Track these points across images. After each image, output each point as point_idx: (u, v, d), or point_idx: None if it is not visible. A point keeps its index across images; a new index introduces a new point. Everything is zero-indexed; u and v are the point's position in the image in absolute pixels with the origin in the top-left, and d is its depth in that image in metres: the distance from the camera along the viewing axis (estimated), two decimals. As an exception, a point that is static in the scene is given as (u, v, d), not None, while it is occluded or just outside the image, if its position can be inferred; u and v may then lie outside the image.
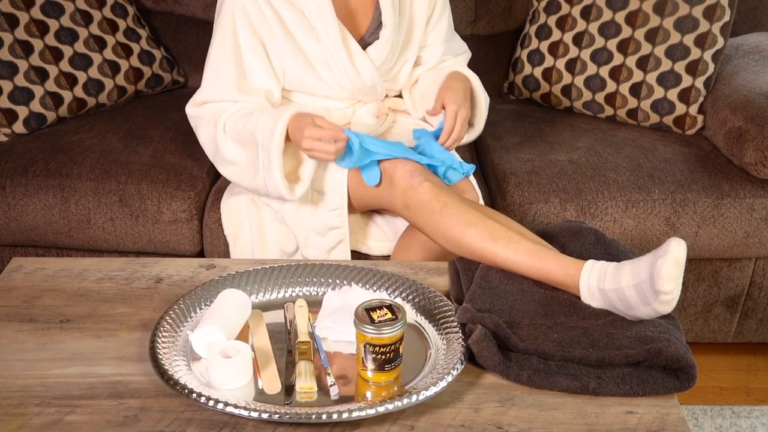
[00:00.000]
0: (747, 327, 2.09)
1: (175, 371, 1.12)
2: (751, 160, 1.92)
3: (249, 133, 1.60)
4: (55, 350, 1.21)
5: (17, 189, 1.87)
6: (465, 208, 1.43)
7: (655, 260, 1.20)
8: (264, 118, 1.58)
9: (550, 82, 2.27)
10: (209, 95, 1.67)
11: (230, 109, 1.65)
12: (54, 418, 1.07)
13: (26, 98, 2.02)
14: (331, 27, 1.63)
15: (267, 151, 1.56)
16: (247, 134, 1.60)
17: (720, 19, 2.10)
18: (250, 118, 1.61)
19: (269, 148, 1.56)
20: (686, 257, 1.25)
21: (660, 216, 1.89)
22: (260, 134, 1.57)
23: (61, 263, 1.44)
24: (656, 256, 1.21)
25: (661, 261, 1.18)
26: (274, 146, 1.55)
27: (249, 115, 1.62)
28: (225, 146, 1.65)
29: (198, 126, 1.71)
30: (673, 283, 1.18)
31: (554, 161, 1.99)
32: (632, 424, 1.08)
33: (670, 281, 1.18)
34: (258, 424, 1.07)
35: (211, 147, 1.69)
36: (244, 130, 1.61)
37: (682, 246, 1.18)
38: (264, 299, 1.34)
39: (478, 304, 1.26)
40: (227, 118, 1.64)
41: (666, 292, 1.18)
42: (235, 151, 1.64)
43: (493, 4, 2.39)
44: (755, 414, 1.96)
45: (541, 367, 1.15)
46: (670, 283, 1.18)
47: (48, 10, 2.10)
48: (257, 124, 1.58)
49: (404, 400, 1.07)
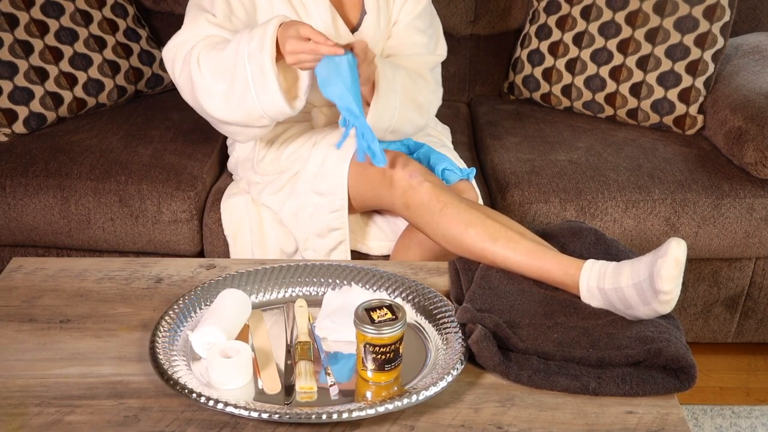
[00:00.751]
0: (747, 327, 2.09)
1: (175, 371, 1.12)
2: (751, 160, 1.92)
3: (230, 56, 1.50)
4: (55, 350, 1.21)
5: (17, 189, 1.87)
6: (465, 208, 1.43)
7: (654, 260, 1.20)
8: (246, 34, 1.48)
9: (550, 82, 2.27)
10: (187, 36, 1.59)
11: (201, 43, 1.55)
12: (54, 418, 1.07)
13: (26, 98, 2.02)
14: (323, 8, 1.65)
15: (259, 64, 1.45)
16: (227, 58, 1.50)
17: (720, 19, 2.10)
18: (227, 44, 1.52)
19: (261, 59, 1.44)
20: (686, 257, 1.25)
21: (660, 216, 1.89)
22: (245, 49, 1.45)
23: (61, 263, 1.44)
24: (656, 256, 1.21)
25: (660, 261, 1.18)
26: (266, 56, 1.43)
27: (224, 42, 1.53)
28: (201, 80, 1.54)
29: (174, 67, 1.61)
30: (673, 283, 1.18)
31: (554, 161, 1.99)
32: (632, 424, 1.08)
33: (669, 281, 1.18)
34: (258, 424, 1.07)
35: (187, 86, 1.58)
36: (222, 55, 1.51)
37: (682, 246, 1.18)
38: (264, 299, 1.34)
39: (478, 304, 1.26)
40: (199, 50, 1.55)
41: (665, 291, 1.18)
42: (213, 81, 1.53)
43: (493, 4, 2.39)
44: (755, 414, 1.96)
45: (541, 367, 1.15)
46: (670, 283, 1.18)
47: (48, 10, 2.10)
48: (239, 42, 1.48)
49: (404, 400, 1.07)
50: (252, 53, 1.45)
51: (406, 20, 1.75)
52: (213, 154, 2.03)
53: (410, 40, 1.75)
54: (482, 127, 2.26)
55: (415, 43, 1.76)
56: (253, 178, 1.78)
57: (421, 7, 1.76)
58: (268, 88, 1.47)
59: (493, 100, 2.43)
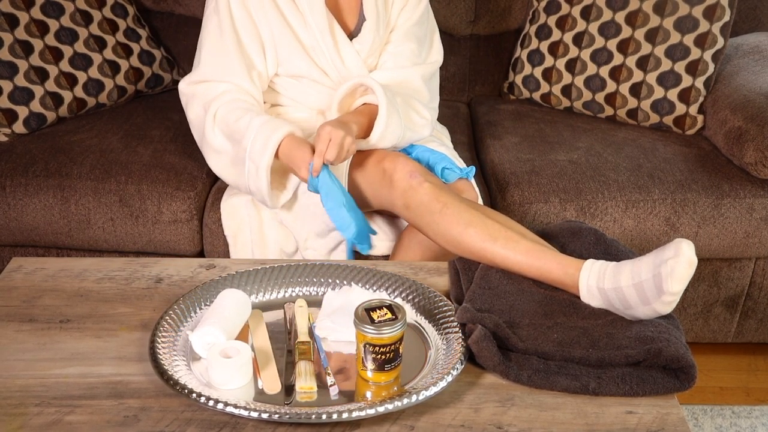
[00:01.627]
0: (747, 327, 2.09)
1: (175, 371, 1.12)
2: (751, 160, 1.92)
3: (240, 132, 1.61)
4: (55, 350, 1.21)
5: (17, 189, 1.87)
6: (465, 208, 1.43)
7: (660, 260, 1.20)
8: (257, 127, 1.58)
9: (550, 82, 2.27)
10: (209, 74, 1.68)
11: (223, 98, 1.65)
12: (54, 418, 1.07)
13: (26, 98, 2.02)
14: (320, 14, 1.66)
15: (255, 164, 1.58)
16: (237, 132, 1.61)
17: (720, 19, 2.10)
18: (243, 116, 1.61)
19: (258, 162, 1.58)
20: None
21: (660, 216, 1.89)
22: (249, 144, 1.58)
23: (61, 263, 1.44)
24: (662, 257, 1.20)
25: (673, 261, 1.18)
26: (264, 162, 1.57)
27: (243, 111, 1.62)
28: (212, 135, 1.67)
29: (188, 104, 1.72)
30: (683, 284, 1.19)
31: (554, 161, 1.99)
32: (632, 424, 1.08)
33: (680, 282, 1.18)
34: (258, 424, 1.07)
35: (198, 130, 1.71)
36: (235, 125, 1.62)
37: (692, 248, 1.19)
38: (264, 299, 1.34)
39: (478, 304, 1.27)
40: (219, 107, 1.65)
41: (674, 292, 1.19)
42: (222, 142, 1.66)
43: (493, 4, 2.39)
44: (755, 414, 1.96)
45: (540, 367, 1.15)
46: (680, 284, 1.18)
47: (48, 10, 2.10)
48: (248, 128, 1.59)
49: (404, 400, 1.07)
50: (254, 152, 1.57)
51: (405, 27, 1.76)
52: (213, 154, 2.03)
53: (403, 47, 1.76)
54: (482, 127, 2.25)
55: (406, 52, 1.76)
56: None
57: (419, 13, 1.77)
58: (261, 187, 1.61)
59: (493, 100, 2.43)
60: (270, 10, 1.66)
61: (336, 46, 1.69)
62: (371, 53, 1.73)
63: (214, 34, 1.68)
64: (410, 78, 1.75)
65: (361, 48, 1.72)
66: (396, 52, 1.76)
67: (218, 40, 1.67)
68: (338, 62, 1.70)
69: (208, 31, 1.69)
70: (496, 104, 2.38)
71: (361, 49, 1.72)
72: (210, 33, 1.69)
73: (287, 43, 1.68)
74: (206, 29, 1.70)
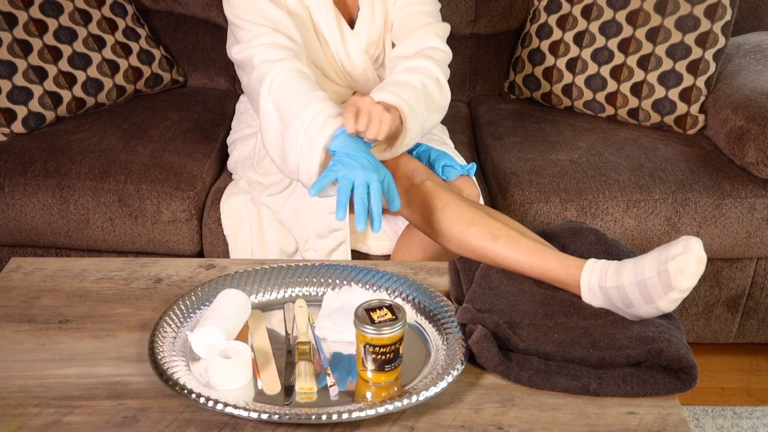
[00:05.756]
0: (748, 327, 2.09)
1: (174, 372, 1.12)
2: (753, 160, 1.92)
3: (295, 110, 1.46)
4: (53, 351, 1.21)
5: (16, 189, 1.87)
6: (466, 207, 1.43)
7: (666, 258, 1.20)
8: (315, 103, 1.44)
9: (550, 82, 2.26)
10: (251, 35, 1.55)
11: (278, 66, 1.51)
12: (53, 419, 1.07)
13: (25, 98, 2.02)
14: (326, 9, 1.65)
15: (310, 139, 1.43)
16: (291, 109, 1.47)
17: (721, 18, 2.09)
18: (300, 95, 1.47)
19: (314, 142, 1.42)
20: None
21: (661, 216, 1.88)
22: (308, 120, 1.43)
23: (60, 263, 1.44)
24: (668, 254, 1.20)
25: (682, 258, 1.18)
26: (320, 143, 1.41)
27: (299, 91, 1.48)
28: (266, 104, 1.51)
29: (245, 68, 1.58)
30: (693, 280, 1.19)
31: (555, 161, 1.99)
32: (633, 424, 1.08)
33: (690, 279, 1.18)
34: (258, 425, 1.07)
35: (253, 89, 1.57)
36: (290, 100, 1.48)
37: (701, 245, 1.19)
38: (264, 299, 1.34)
39: (479, 304, 1.26)
40: (275, 75, 1.51)
41: (683, 289, 1.19)
42: (273, 113, 1.50)
43: (493, 4, 2.39)
44: (757, 415, 1.95)
45: (541, 367, 1.15)
46: (691, 280, 1.18)
47: (47, 10, 2.10)
48: (307, 106, 1.45)
49: (404, 401, 1.07)
50: (312, 128, 1.42)
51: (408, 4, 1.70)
52: (212, 153, 2.03)
53: (419, 9, 1.69)
54: (483, 126, 2.25)
55: (424, 13, 1.69)
56: (254, 177, 1.78)
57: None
58: (311, 168, 1.44)
59: (493, 100, 2.42)
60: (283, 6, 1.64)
61: (343, 41, 1.69)
62: (370, 43, 1.72)
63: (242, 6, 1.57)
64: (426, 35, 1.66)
65: (362, 32, 1.71)
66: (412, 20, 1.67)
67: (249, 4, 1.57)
68: (344, 57, 1.69)
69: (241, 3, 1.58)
70: (497, 104, 2.38)
71: (361, 33, 1.71)
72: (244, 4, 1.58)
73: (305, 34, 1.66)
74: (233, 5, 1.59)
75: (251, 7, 1.57)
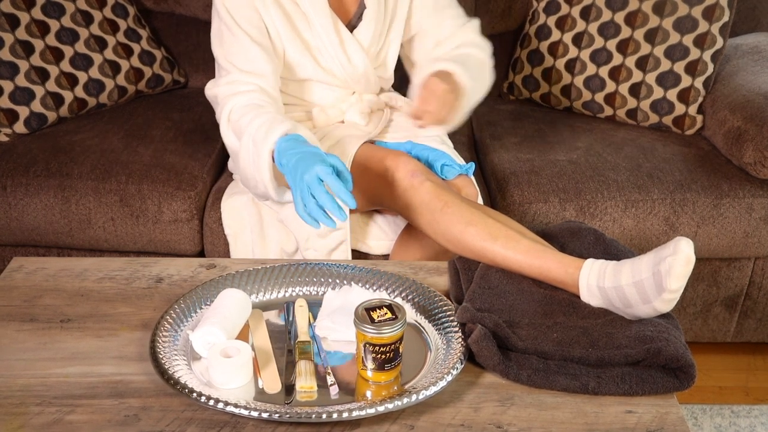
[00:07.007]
0: (746, 326, 2.10)
1: (175, 371, 1.13)
2: (750, 160, 1.92)
3: (245, 126, 1.53)
4: (55, 350, 1.21)
5: (18, 189, 1.87)
6: (465, 207, 1.43)
7: (659, 259, 1.20)
8: (262, 116, 1.51)
9: (549, 82, 2.27)
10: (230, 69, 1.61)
11: (237, 99, 1.57)
12: (55, 418, 1.08)
13: (27, 98, 2.03)
14: (323, 14, 1.64)
15: (257, 147, 1.49)
16: (243, 126, 1.54)
17: (719, 19, 2.10)
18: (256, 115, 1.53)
19: (260, 149, 1.48)
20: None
21: (659, 216, 1.89)
22: (254, 130, 1.50)
23: (61, 263, 1.44)
24: (661, 255, 1.21)
25: (671, 259, 1.18)
26: (266, 148, 1.47)
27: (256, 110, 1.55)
28: (226, 135, 1.60)
29: (214, 106, 1.65)
30: (682, 281, 1.19)
31: (554, 161, 2.00)
32: (631, 423, 1.08)
33: (678, 279, 1.18)
34: (258, 424, 1.07)
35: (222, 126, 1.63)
36: (243, 122, 1.54)
37: (691, 245, 1.19)
38: (264, 299, 1.35)
39: (478, 304, 1.27)
40: (232, 107, 1.57)
41: (673, 290, 1.19)
42: (236, 143, 1.58)
43: (493, 4, 2.39)
44: (754, 413, 1.96)
45: (540, 366, 1.15)
46: (679, 281, 1.18)
47: (49, 11, 2.10)
48: (254, 120, 1.51)
49: (404, 400, 1.08)
50: (258, 138, 1.49)
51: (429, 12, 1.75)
52: (213, 153, 2.04)
53: (446, 13, 1.77)
54: (482, 127, 2.26)
55: (454, 16, 1.78)
56: (254, 178, 1.79)
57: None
58: (263, 177, 1.51)
59: (492, 100, 2.42)
60: (275, 13, 1.65)
61: (342, 45, 1.68)
62: (373, 42, 1.73)
63: (228, 35, 1.62)
64: (466, 38, 1.78)
65: (364, 37, 1.71)
66: (442, 24, 1.76)
67: (231, 38, 1.61)
68: (344, 60, 1.70)
69: (222, 33, 1.63)
70: (496, 104, 2.38)
71: (363, 38, 1.71)
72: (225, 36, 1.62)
73: (294, 46, 1.67)
74: (219, 31, 1.64)
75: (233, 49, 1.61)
